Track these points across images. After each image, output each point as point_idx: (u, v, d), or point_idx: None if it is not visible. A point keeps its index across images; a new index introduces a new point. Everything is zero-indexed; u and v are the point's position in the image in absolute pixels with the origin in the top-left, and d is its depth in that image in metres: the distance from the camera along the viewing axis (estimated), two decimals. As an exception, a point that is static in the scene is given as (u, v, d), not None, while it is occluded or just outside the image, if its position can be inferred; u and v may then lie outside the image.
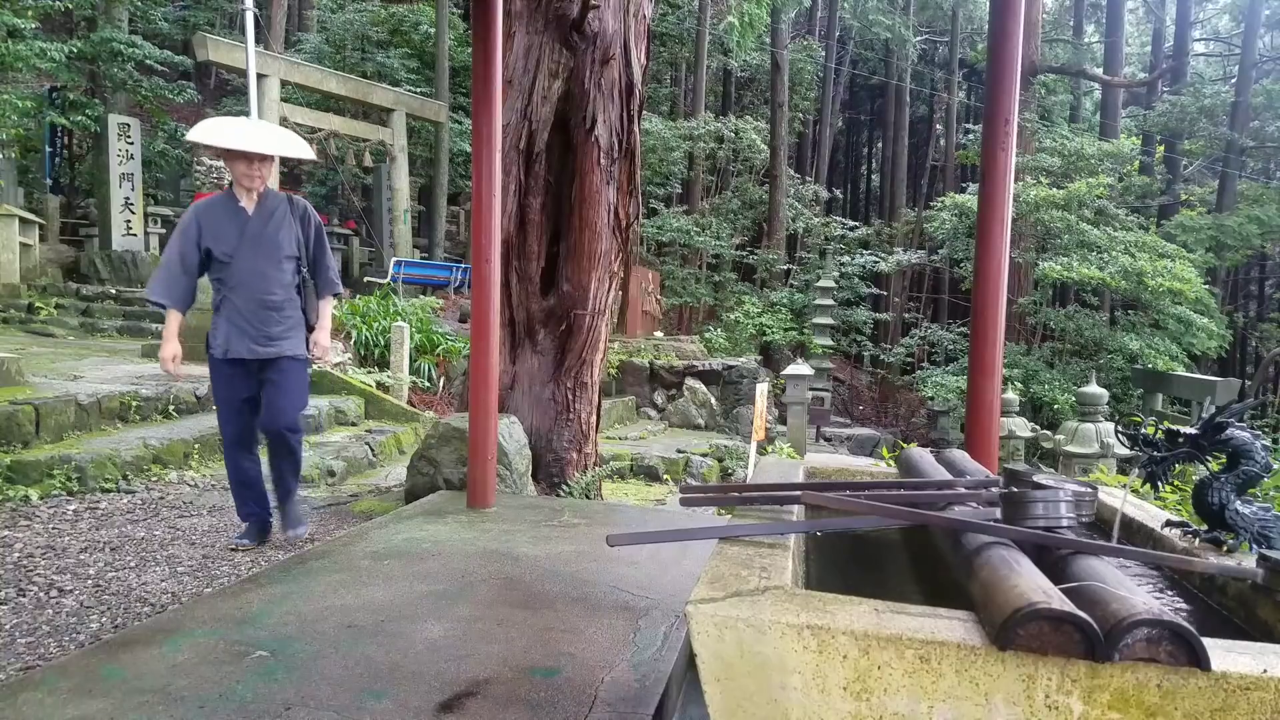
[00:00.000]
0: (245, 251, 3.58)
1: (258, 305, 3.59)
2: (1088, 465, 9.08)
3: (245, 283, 3.58)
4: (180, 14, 18.44)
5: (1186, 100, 19.20)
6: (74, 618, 3.01)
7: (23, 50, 10.43)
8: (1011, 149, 3.27)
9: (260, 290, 3.60)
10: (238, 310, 3.57)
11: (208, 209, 3.62)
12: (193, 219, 3.58)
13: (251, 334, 3.57)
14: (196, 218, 3.58)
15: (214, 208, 3.64)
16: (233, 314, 3.58)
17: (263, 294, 3.60)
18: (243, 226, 3.59)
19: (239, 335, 3.56)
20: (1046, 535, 1.49)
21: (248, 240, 3.59)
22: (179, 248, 3.55)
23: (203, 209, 3.62)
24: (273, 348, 3.62)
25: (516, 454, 4.52)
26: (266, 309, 3.60)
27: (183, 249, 3.54)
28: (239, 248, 3.57)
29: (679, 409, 10.62)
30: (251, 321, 3.57)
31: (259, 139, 3.60)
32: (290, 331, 3.68)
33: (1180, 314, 13.70)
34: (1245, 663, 1.12)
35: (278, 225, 3.65)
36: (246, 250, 3.58)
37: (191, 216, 3.60)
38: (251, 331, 3.57)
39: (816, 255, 19.54)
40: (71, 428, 5.22)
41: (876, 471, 2.78)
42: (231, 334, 3.56)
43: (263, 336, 3.59)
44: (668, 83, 23.43)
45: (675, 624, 2.53)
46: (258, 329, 3.58)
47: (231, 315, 3.58)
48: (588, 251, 4.87)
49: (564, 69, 4.74)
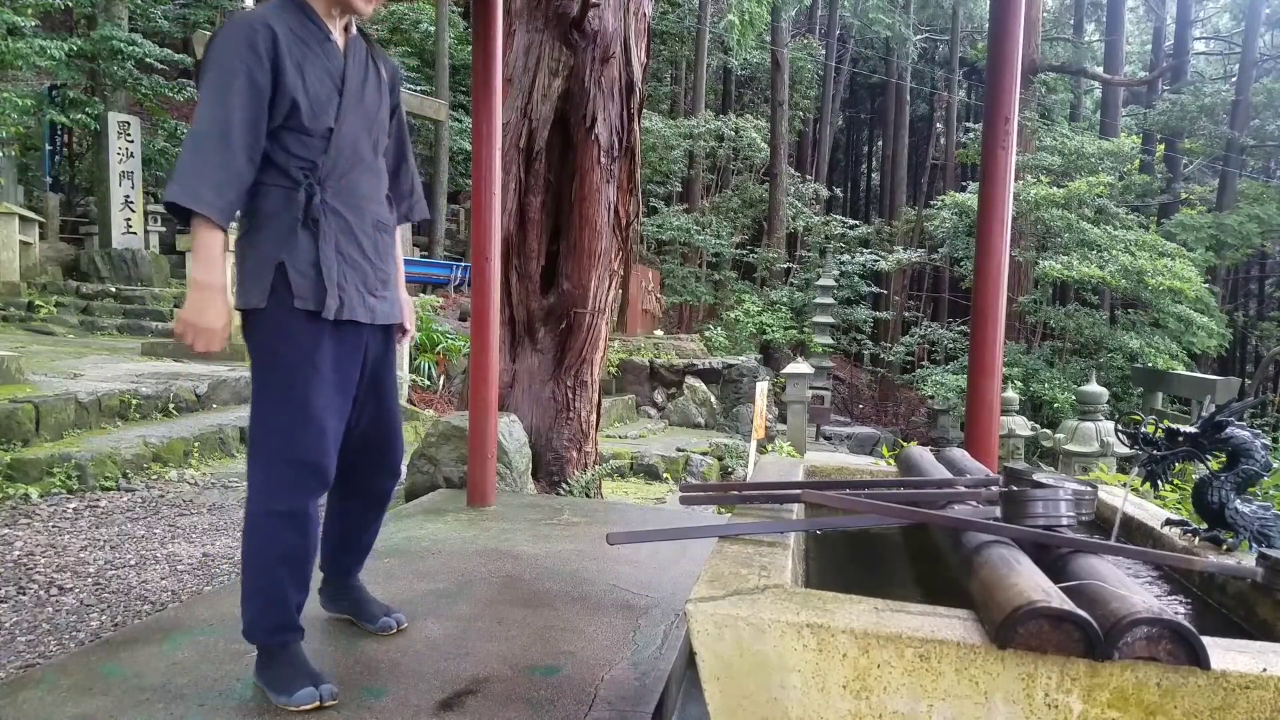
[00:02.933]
0: (349, 122, 1.99)
1: (372, 225, 2.04)
2: (1088, 464, 9.09)
3: (353, 181, 2.00)
4: (180, 12, 18.39)
5: (1187, 99, 19.20)
6: (74, 616, 3.01)
7: (22, 48, 10.41)
8: (1012, 147, 3.26)
9: (373, 196, 2.06)
10: (349, 230, 1.97)
11: (285, 28, 1.90)
12: (266, 36, 1.85)
13: (370, 277, 2.02)
14: (273, 36, 1.86)
15: (293, 30, 1.92)
16: (344, 236, 1.96)
17: (376, 204, 2.07)
18: (340, 77, 1.98)
19: (354, 277, 1.97)
20: (1046, 534, 1.49)
21: (349, 102, 1.99)
22: (244, 96, 1.80)
23: (276, 20, 1.89)
24: (391, 307, 2.12)
25: (516, 452, 4.52)
26: (381, 232, 2.08)
27: (249, 100, 1.81)
28: (342, 113, 1.97)
29: (679, 407, 10.62)
30: (370, 255, 2.02)
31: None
32: (396, 280, 2.18)
33: (1180, 313, 13.70)
34: (1245, 661, 1.12)
35: (375, 88, 2.09)
36: (350, 120, 1.99)
37: (262, 32, 1.85)
38: (370, 273, 2.02)
39: (817, 254, 19.55)
40: (71, 426, 5.22)
41: (876, 470, 2.78)
42: (346, 273, 1.95)
43: (380, 284, 2.06)
44: (668, 81, 23.41)
45: (675, 622, 2.53)
46: (376, 268, 2.04)
47: (339, 240, 1.95)
48: (588, 250, 4.87)
49: (564, 67, 4.74)
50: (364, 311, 1.99)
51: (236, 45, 1.82)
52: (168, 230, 14.59)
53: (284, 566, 1.95)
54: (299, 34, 1.92)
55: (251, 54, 1.82)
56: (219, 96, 1.80)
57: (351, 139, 2.00)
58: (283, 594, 1.96)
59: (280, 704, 1.92)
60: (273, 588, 1.95)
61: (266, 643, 1.99)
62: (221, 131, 1.78)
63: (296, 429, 1.91)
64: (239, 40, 1.83)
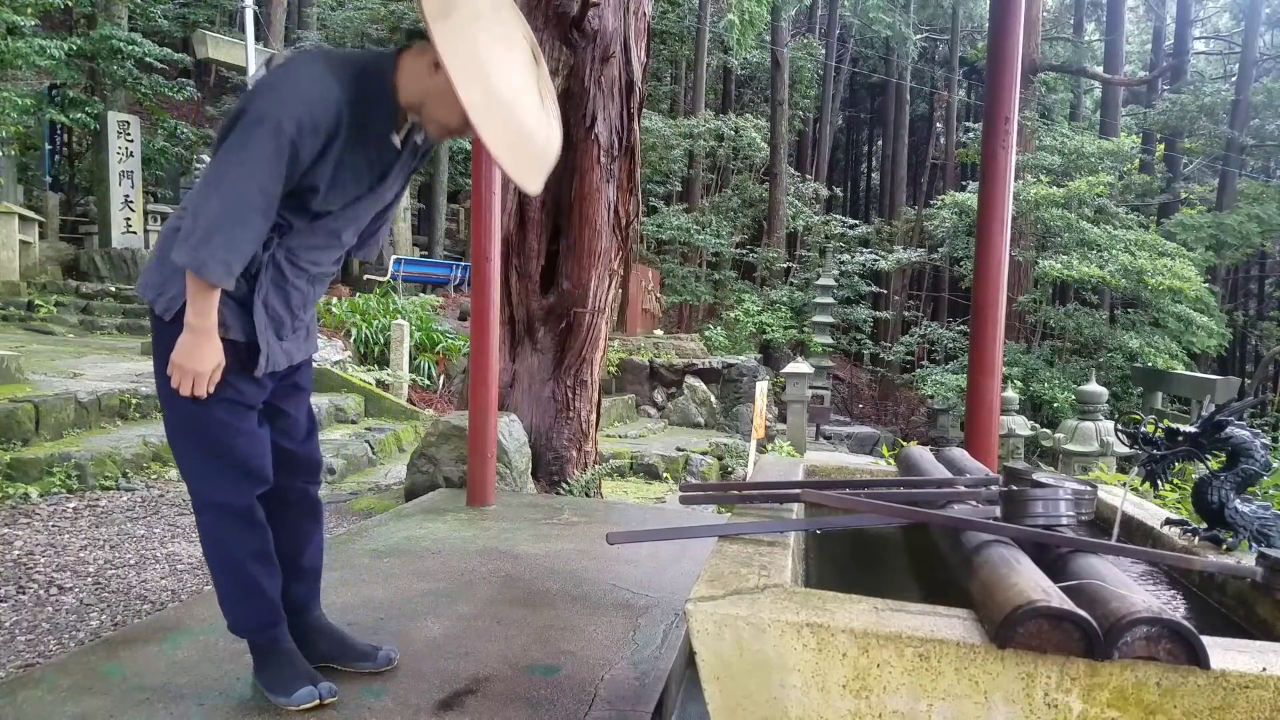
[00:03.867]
0: (351, 213, 1.94)
1: (307, 281, 1.99)
2: (1087, 463, 9.09)
3: (314, 254, 1.95)
4: (180, 11, 18.41)
5: (1187, 98, 19.20)
6: (74, 615, 3.01)
7: (22, 47, 10.41)
8: (1012, 147, 3.26)
9: (326, 267, 2.03)
10: (285, 289, 1.92)
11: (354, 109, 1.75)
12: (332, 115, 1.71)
13: (285, 327, 1.97)
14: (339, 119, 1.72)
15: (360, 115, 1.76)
16: (276, 295, 1.90)
17: (323, 266, 2.01)
18: (378, 177, 1.90)
19: (277, 332, 1.94)
20: (1046, 533, 1.50)
21: (369, 198, 1.94)
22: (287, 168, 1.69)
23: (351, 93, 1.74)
24: (309, 343, 2.11)
25: (516, 452, 4.52)
26: (314, 284, 2.04)
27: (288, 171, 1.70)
28: (351, 205, 1.91)
29: (679, 407, 10.63)
30: (297, 307, 1.98)
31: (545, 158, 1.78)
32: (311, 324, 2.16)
33: (1180, 312, 13.71)
34: (1244, 661, 1.13)
35: (403, 176, 2.02)
36: (352, 211, 1.94)
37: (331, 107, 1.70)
38: (291, 323, 1.98)
39: (816, 253, 19.55)
40: (71, 425, 5.22)
41: (876, 470, 2.79)
42: (271, 331, 1.92)
43: (303, 327, 2.05)
44: (668, 80, 23.40)
45: (675, 622, 2.53)
46: (299, 317, 2.01)
47: (274, 297, 1.90)
48: (588, 249, 4.87)
49: (564, 66, 4.74)
50: (281, 359, 1.96)
51: (300, 107, 1.66)
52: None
53: (248, 558, 1.93)
54: (364, 119, 1.76)
55: (313, 132, 1.68)
56: (269, 160, 1.65)
57: (341, 226, 1.93)
58: (254, 585, 1.93)
59: (279, 704, 1.91)
60: (242, 580, 1.93)
61: (256, 638, 1.98)
62: (266, 205, 1.68)
63: (227, 464, 1.88)
64: (305, 102, 1.67)
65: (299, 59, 1.76)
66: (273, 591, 1.97)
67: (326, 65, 1.72)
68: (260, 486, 1.95)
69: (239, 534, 1.92)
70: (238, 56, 11.83)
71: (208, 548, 1.95)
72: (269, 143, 1.64)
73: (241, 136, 1.65)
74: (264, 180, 1.66)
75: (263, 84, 1.71)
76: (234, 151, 1.66)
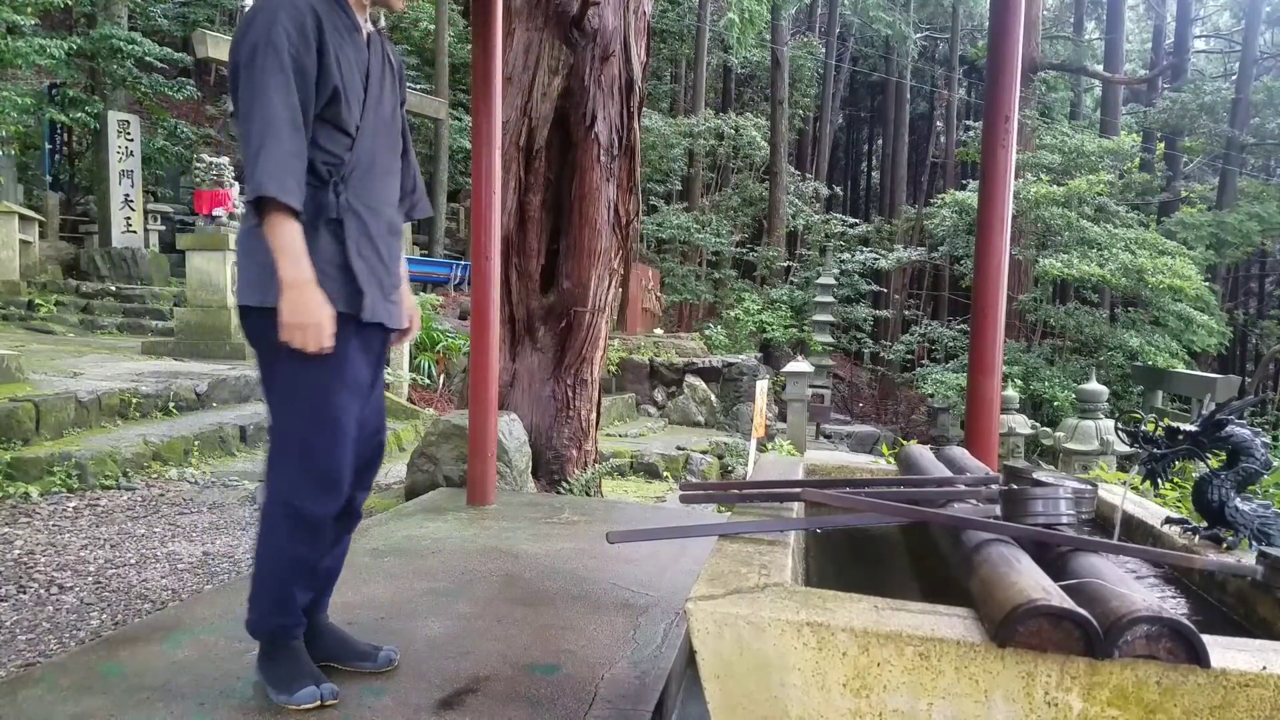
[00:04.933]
0: (371, 120, 1.93)
1: (386, 229, 1.98)
2: (1088, 462, 9.09)
3: (372, 183, 1.94)
4: (180, 11, 18.38)
5: (1187, 97, 19.19)
6: (74, 614, 3.02)
7: (22, 47, 10.40)
8: (1012, 146, 3.26)
9: (388, 199, 2.02)
10: (367, 233, 1.91)
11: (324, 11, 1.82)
12: (311, 18, 1.78)
13: (385, 282, 1.96)
14: (317, 19, 1.79)
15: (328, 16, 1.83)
16: (364, 239, 1.90)
17: (390, 207, 2.03)
18: (365, 72, 1.92)
19: (377, 281, 1.92)
20: (1046, 532, 1.49)
21: (371, 99, 1.93)
22: (300, 78, 1.75)
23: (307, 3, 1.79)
24: (400, 311, 2.06)
25: (516, 451, 4.52)
26: (393, 235, 2.02)
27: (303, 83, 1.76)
28: (366, 110, 1.92)
29: (679, 406, 10.62)
30: (386, 259, 1.96)
31: None
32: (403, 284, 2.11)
33: (1180, 311, 13.71)
34: (1244, 660, 1.13)
35: (391, 84, 2.03)
36: (371, 118, 1.93)
37: (308, 14, 1.77)
38: (386, 278, 1.96)
39: (816, 252, 19.54)
40: (71, 425, 5.23)
41: (876, 469, 2.78)
42: (371, 277, 1.90)
43: (393, 288, 2.01)
44: (668, 80, 23.40)
45: (675, 621, 2.53)
46: (391, 273, 1.98)
47: (366, 248, 1.90)
48: (588, 249, 4.87)
49: (564, 66, 4.73)
50: (385, 315, 1.95)
51: (284, 25, 1.74)
52: (167, 229, 14.59)
53: (296, 571, 1.93)
54: (332, 21, 1.84)
55: (300, 36, 1.75)
56: (280, 81, 1.72)
57: (373, 138, 1.94)
58: (291, 596, 1.93)
59: (280, 702, 1.91)
60: (283, 589, 1.93)
61: (270, 641, 1.97)
62: (293, 118, 1.73)
63: (320, 436, 1.86)
64: (285, 20, 1.74)
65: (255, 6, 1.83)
66: (305, 603, 1.98)
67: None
68: (340, 501, 1.94)
69: (303, 544, 1.91)
70: (238, 56, 11.80)
71: (264, 547, 1.93)
72: (270, 61, 1.72)
73: (247, 72, 1.74)
74: (281, 93, 1.72)
75: (243, 23, 1.81)
76: (246, 86, 1.74)
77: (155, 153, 14.95)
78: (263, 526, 1.93)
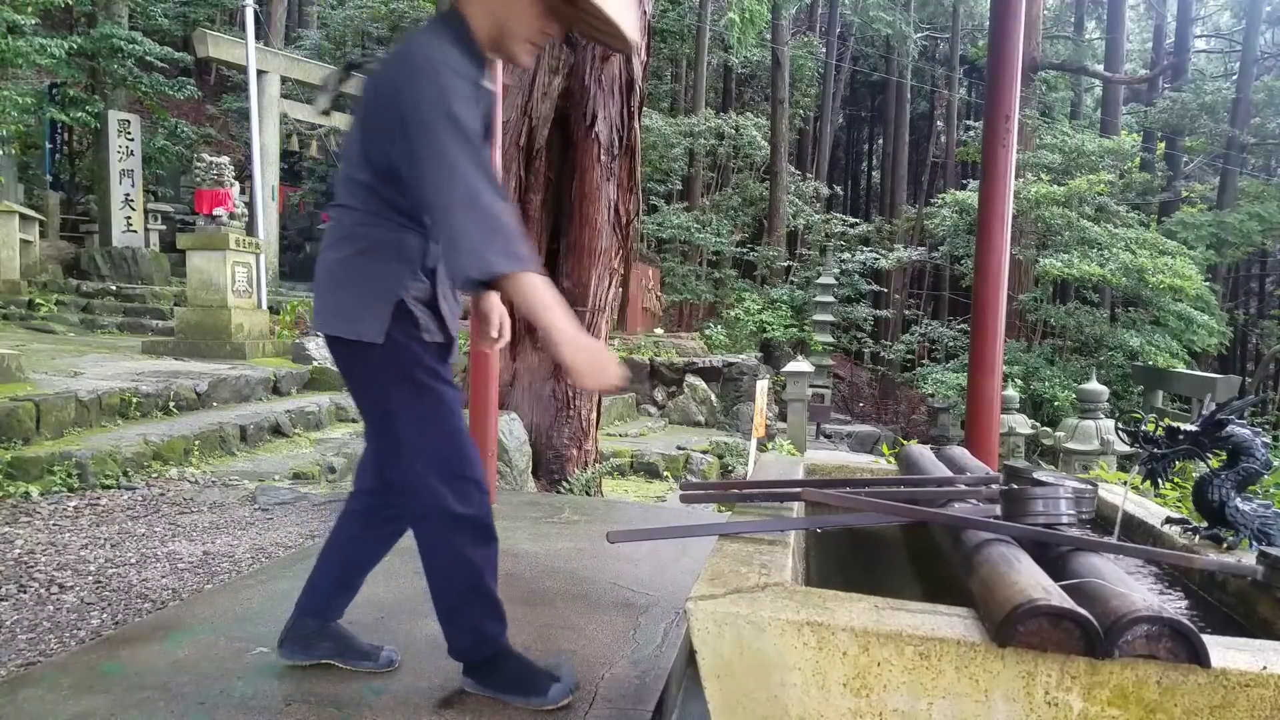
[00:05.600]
0: None
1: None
2: (1088, 462, 9.09)
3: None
4: (180, 10, 18.39)
5: (1187, 97, 19.19)
6: (74, 614, 3.02)
7: (23, 46, 10.41)
8: (1012, 146, 3.26)
9: None
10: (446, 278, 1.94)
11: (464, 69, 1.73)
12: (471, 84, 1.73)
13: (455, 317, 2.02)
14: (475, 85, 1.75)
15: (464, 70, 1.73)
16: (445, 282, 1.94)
17: None
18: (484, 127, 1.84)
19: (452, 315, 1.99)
20: (1046, 532, 1.49)
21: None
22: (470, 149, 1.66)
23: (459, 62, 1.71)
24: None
25: (516, 451, 4.52)
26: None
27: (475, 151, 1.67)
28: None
29: (679, 406, 10.62)
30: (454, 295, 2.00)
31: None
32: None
33: (1181, 311, 13.71)
34: (1245, 659, 1.13)
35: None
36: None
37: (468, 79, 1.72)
38: (457, 311, 2.04)
39: (817, 252, 19.54)
40: (72, 424, 5.23)
41: (876, 469, 2.78)
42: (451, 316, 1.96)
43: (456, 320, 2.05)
44: (668, 79, 23.40)
45: (675, 621, 2.53)
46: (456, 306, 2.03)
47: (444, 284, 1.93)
48: (588, 248, 4.87)
49: (564, 65, 4.73)
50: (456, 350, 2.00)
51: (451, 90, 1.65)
52: (168, 229, 14.60)
53: (487, 571, 1.90)
54: (467, 76, 1.73)
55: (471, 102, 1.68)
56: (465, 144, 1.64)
57: None
58: (494, 596, 1.92)
59: (535, 706, 1.88)
60: (485, 593, 1.90)
61: (493, 652, 1.94)
62: (495, 186, 1.67)
63: (455, 447, 1.86)
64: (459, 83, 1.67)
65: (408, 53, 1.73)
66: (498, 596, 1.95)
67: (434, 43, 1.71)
68: (485, 494, 1.90)
69: (478, 546, 1.88)
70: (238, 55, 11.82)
71: (442, 567, 1.89)
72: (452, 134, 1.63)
73: (430, 150, 1.64)
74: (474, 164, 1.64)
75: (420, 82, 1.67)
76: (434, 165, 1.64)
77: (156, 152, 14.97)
78: (431, 550, 1.89)
